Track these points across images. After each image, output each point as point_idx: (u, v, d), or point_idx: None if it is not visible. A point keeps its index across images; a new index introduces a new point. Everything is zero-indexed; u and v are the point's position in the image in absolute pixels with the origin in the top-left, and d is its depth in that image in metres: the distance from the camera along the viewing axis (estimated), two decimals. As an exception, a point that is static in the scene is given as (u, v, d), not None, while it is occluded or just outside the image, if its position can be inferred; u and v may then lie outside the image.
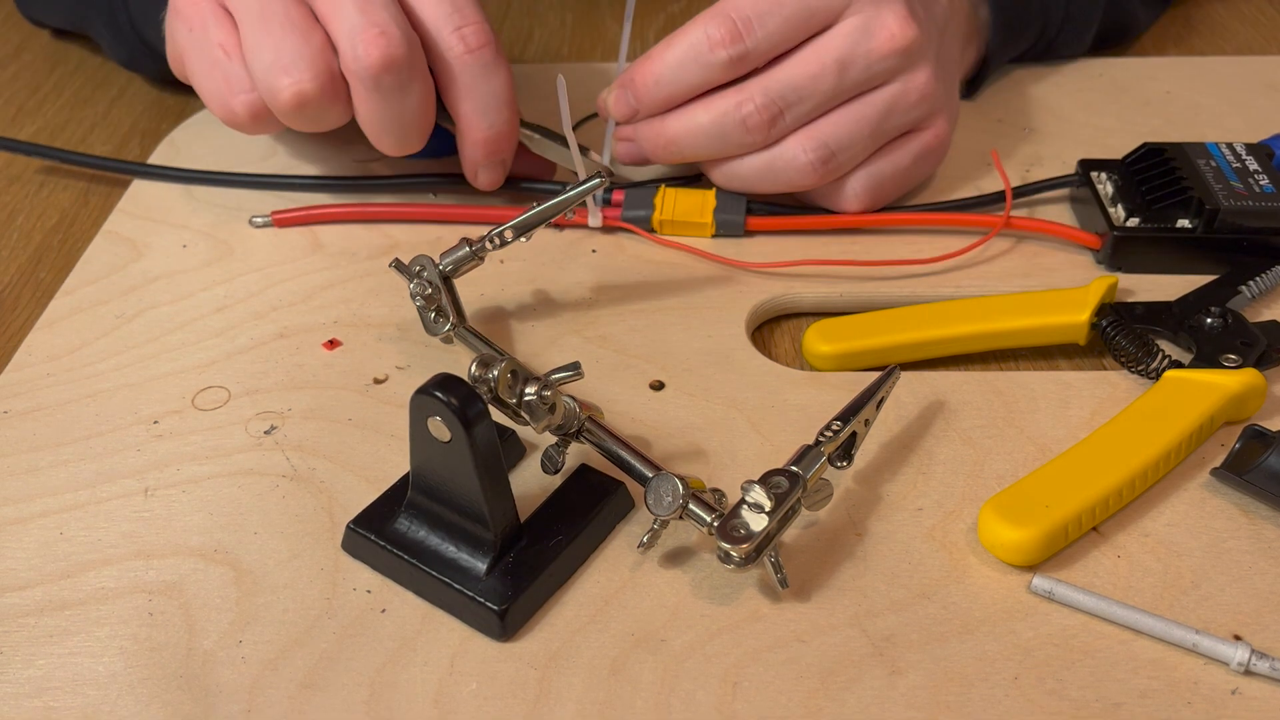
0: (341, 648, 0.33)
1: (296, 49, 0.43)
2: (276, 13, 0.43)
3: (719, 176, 0.48)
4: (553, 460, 0.36)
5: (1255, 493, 0.36)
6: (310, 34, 0.43)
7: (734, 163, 0.47)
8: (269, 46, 0.43)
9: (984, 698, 0.31)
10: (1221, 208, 0.45)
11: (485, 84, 0.45)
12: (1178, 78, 0.61)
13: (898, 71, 0.45)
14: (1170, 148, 0.48)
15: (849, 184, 0.48)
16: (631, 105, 0.47)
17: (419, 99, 0.45)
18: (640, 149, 0.48)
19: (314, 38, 0.43)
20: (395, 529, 0.35)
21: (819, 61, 0.44)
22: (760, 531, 0.32)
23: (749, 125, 0.45)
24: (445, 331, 0.43)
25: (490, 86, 0.46)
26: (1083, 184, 0.49)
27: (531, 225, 0.42)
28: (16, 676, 0.33)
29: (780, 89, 0.44)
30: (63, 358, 0.44)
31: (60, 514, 0.37)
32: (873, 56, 0.44)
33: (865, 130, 0.45)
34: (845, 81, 0.44)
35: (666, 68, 0.45)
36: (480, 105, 0.46)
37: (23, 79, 0.66)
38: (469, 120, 0.46)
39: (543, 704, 0.31)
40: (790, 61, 0.44)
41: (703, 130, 0.46)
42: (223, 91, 0.45)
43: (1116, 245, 0.46)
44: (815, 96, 0.44)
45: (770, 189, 0.47)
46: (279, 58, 0.43)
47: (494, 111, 0.46)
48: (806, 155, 0.45)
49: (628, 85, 0.47)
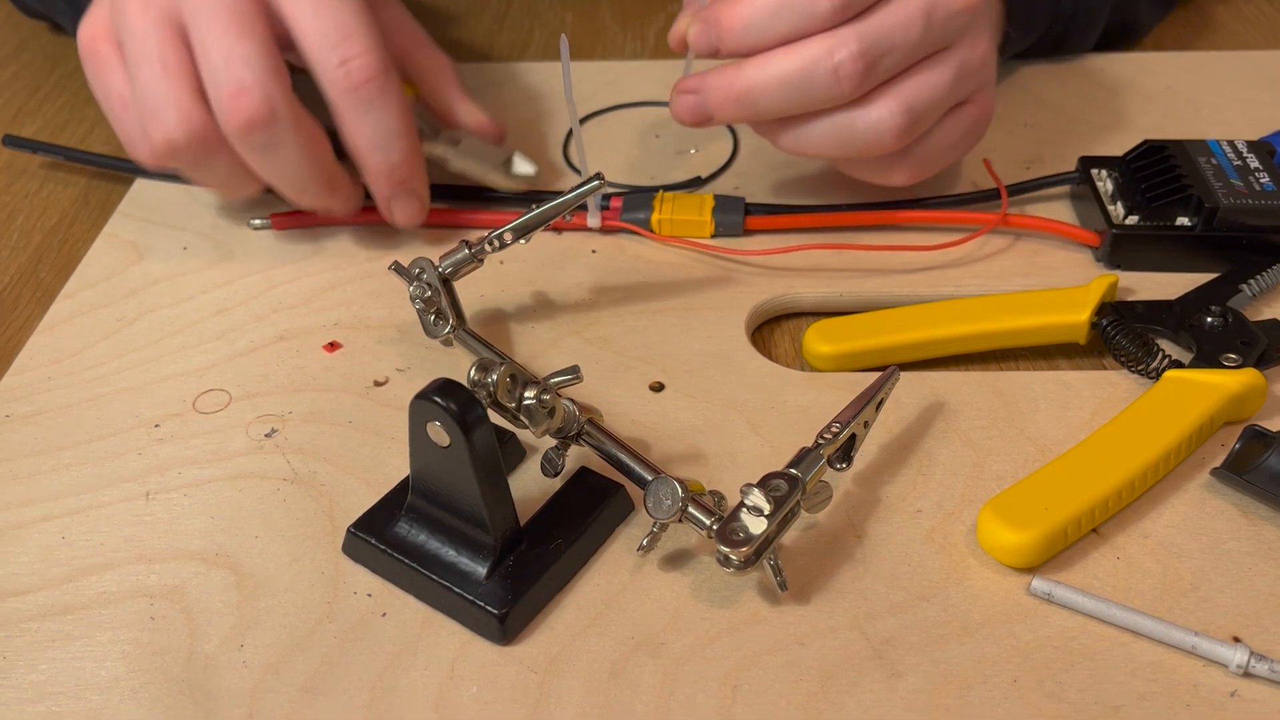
0: (342, 652, 0.33)
1: (164, 93, 0.42)
2: (151, 55, 0.42)
3: (787, 140, 0.45)
4: (552, 463, 0.36)
5: (1255, 493, 0.36)
6: (178, 78, 0.42)
7: (806, 124, 0.44)
8: (142, 91, 0.43)
9: (983, 700, 0.31)
10: (1221, 206, 0.45)
11: (373, 118, 0.44)
12: (1179, 73, 0.61)
13: (966, 31, 0.43)
14: (1171, 145, 0.48)
15: (906, 153, 0.45)
16: (714, 44, 0.43)
17: (300, 151, 0.44)
18: (704, 103, 0.44)
19: (182, 83, 0.42)
20: (395, 533, 0.35)
21: (906, 10, 0.42)
22: (759, 535, 0.32)
23: (841, 75, 0.41)
24: (445, 334, 0.43)
25: (379, 120, 0.44)
26: (1083, 181, 0.49)
27: (531, 227, 0.42)
28: (19, 681, 0.33)
29: (874, 36, 0.41)
30: (64, 361, 0.44)
31: (62, 518, 0.37)
32: (953, 9, 0.42)
33: (943, 93, 0.43)
34: (930, 33, 0.42)
35: (759, 13, 0.42)
36: (371, 141, 0.45)
37: (23, 79, 0.66)
38: (363, 155, 0.45)
39: (543, 708, 0.31)
40: (880, 9, 0.42)
41: (786, 80, 0.42)
42: (126, 144, 0.45)
43: (1115, 243, 0.46)
44: (904, 47, 0.42)
45: (842, 153, 0.45)
46: (148, 102, 0.43)
47: (386, 145, 0.45)
48: (895, 119, 0.43)
49: (712, 23, 0.43)
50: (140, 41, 0.43)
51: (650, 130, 0.58)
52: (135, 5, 0.43)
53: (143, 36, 0.43)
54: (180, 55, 0.43)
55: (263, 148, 0.43)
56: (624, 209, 0.49)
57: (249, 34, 0.42)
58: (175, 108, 0.42)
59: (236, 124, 0.42)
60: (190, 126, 0.42)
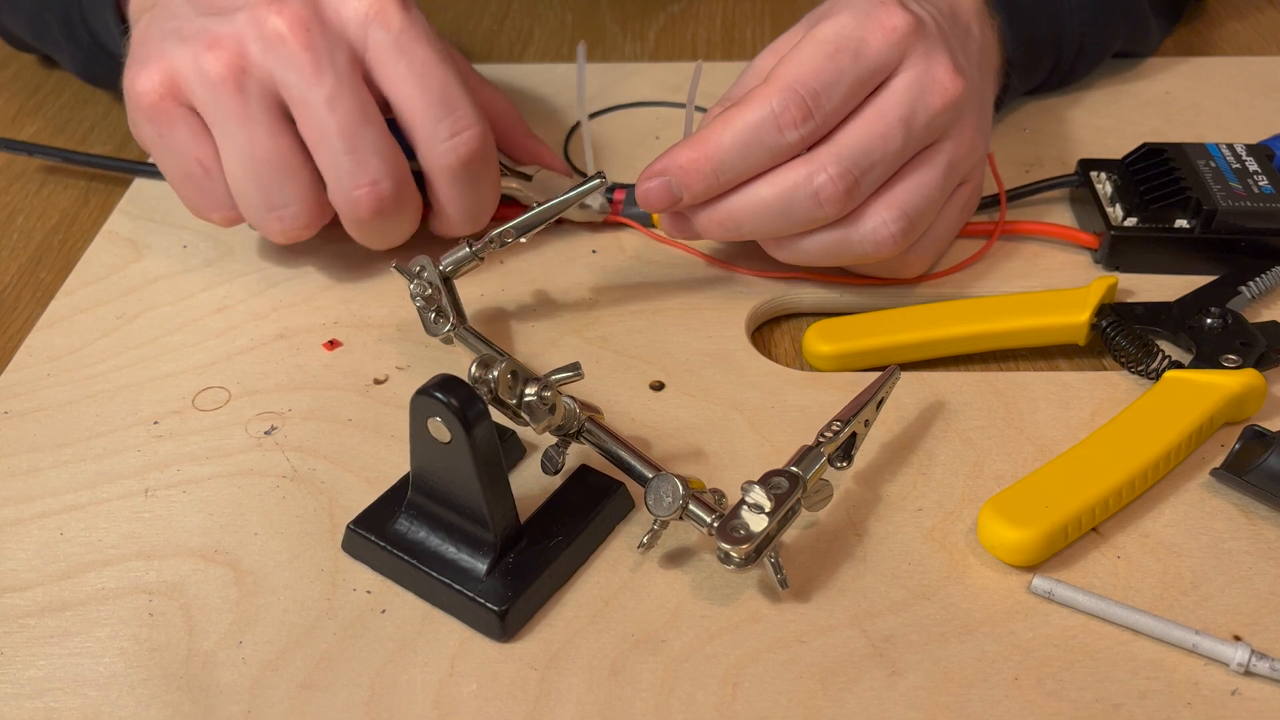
0: (342, 648, 0.33)
1: (286, 191, 0.42)
2: (264, 150, 0.41)
3: (784, 254, 0.44)
4: (553, 461, 0.36)
5: (1255, 493, 0.36)
6: (299, 172, 0.42)
7: (802, 239, 0.43)
8: (255, 185, 0.42)
9: (983, 698, 0.31)
10: (1219, 208, 0.45)
11: (474, 193, 0.44)
12: (1177, 78, 0.61)
13: (950, 125, 0.42)
14: (1170, 148, 0.48)
15: (911, 250, 0.44)
16: (676, 193, 0.42)
17: (410, 221, 0.45)
18: (692, 224, 0.43)
19: (303, 176, 0.42)
20: (395, 530, 0.35)
21: (884, 122, 0.40)
22: (760, 532, 0.32)
23: (823, 198, 0.40)
24: (445, 332, 0.43)
25: (479, 195, 0.45)
26: (1082, 184, 0.49)
27: (532, 225, 0.42)
28: (17, 677, 0.33)
29: (854, 154, 0.40)
30: (63, 358, 0.44)
31: (61, 514, 0.37)
32: (932, 111, 0.41)
33: (936, 192, 0.42)
34: (911, 140, 0.41)
35: (724, 152, 0.40)
36: (468, 212, 0.45)
37: (23, 79, 0.66)
38: (449, 218, 0.45)
39: (543, 705, 0.31)
40: (855, 125, 0.41)
41: (767, 206, 0.41)
42: (200, 206, 0.44)
43: (1113, 245, 0.46)
44: (886, 160, 0.41)
45: (842, 263, 0.44)
46: (268, 198, 0.42)
47: (479, 215, 0.46)
48: (889, 228, 0.41)
49: (672, 173, 0.41)
50: (243, 127, 0.41)
51: (651, 132, 0.58)
52: (220, 74, 0.40)
53: (245, 121, 0.41)
54: (294, 144, 0.42)
55: (383, 227, 0.44)
56: (627, 201, 0.49)
57: (368, 120, 0.41)
58: (302, 204, 0.42)
59: (365, 214, 0.42)
60: (314, 219, 0.43)
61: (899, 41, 0.41)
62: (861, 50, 0.40)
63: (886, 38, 0.41)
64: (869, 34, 0.40)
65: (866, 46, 0.40)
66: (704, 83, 0.61)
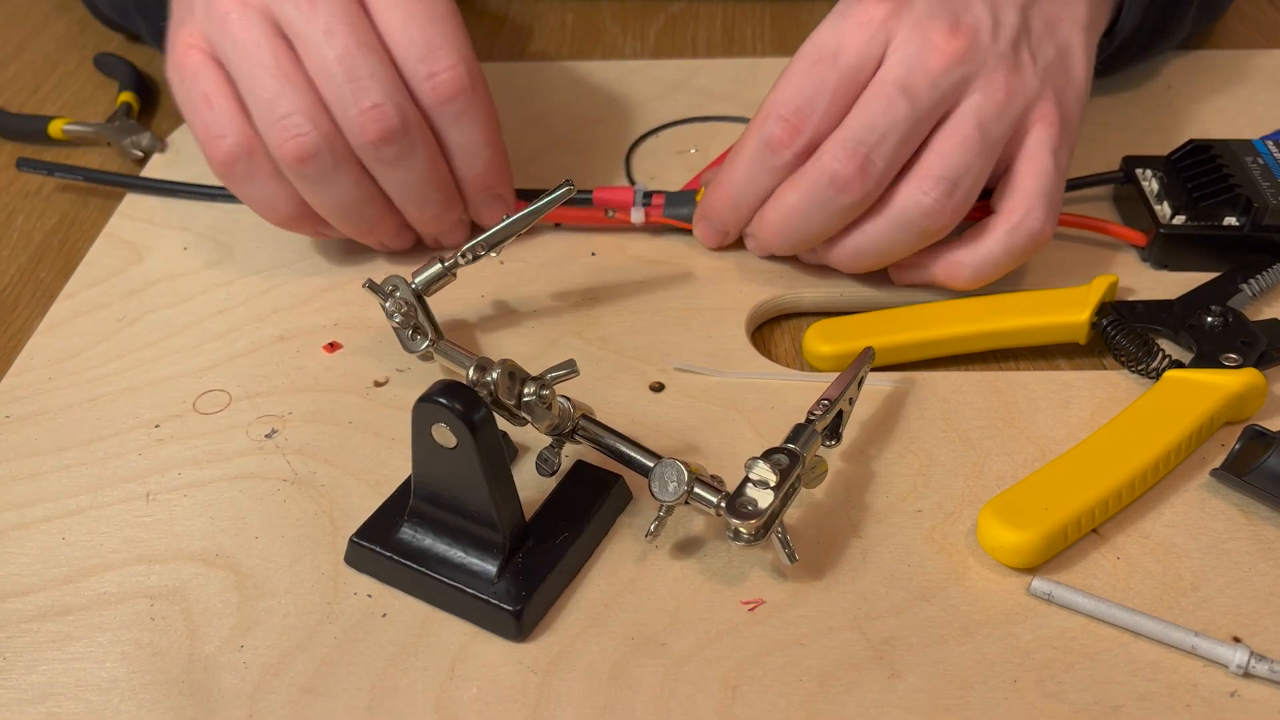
0: (343, 652, 0.33)
1: (292, 102, 0.41)
2: (266, 63, 0.41)
3: (845, 259, 0.44)
4: (548, 462, 0.36)
5: (1255, 493, 0.36)
6: (302, 87, 0.42)
7: (853, 236, 0.43)
8: (265, 100, 0.42)
9: (983, 700, 0.31)
10: (1270, 205, 0.45)
11: (460, 131, 0.44)
12: (1177, 72, 0.61)
13: (969, 80, 0.41)
14: (1216, 145, 0.48)
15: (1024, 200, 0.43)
16: (721, 230, 0.47)
17: (428, 160, 0.44)
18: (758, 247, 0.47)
19: (301, 83, 0.42)
20: (400, 538, 0.35)
21: (883, 95, 0.41)
22: (768, 507, 0.32)
23: (840, 181, 0.41)
24: (424, 348, 0.42)
25: (465, 132, 0.44)
26: (1127, 180, 0.49)
27: (501, 239, 0.42)
28: (19, 682, 0.33)
29: (857, 134, 0.41)
30: (64, 362, 0.44)
31: (62, 519, 0.38)
32: (933, 73, 0.41)
33: (974, 147, 0.41)
34: (918, 105, 0.41)
35: (737, 187, 0.45)
36: (459, 152, 0.45)
37: (23, 79, 0.66)
38: (457, 170, 0.46)
39: (543, 708, 0.31)
40: (854, 109, 0.42)
41: (798, 209, 0.43)
42: (202, 139, 0.44)
43: (1164, 243, 0.46)
44: (897, 127, 0.41)
45: (908, 248, 0.43)
46: (275, 110, 0.41)
47: (474, 156, 0.45)
48: (929, 195, 0.41)
49: (709, 216, 0.47)
50: (251, 51, 0.42)
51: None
52: (236, 18, 0.42)
53: (253, 46, 0.42)
54: (297, 65, 0.42)
55: (394, 160, 0.43)
56: (668, 204, 0.49)
57: (367, 47, 0.41)
58: (305, 115, 0.41)
59: (372, 138, 0.42)
60: (322, 133, 0.42)
61: (878, 30, 0.42)
62: (840, 53, 0.42)
63: (863, 32, 0.42)
64: (845, 35, 0.42)
65: (844, 48, 0.42)
66: (704, 82, 0.61)
